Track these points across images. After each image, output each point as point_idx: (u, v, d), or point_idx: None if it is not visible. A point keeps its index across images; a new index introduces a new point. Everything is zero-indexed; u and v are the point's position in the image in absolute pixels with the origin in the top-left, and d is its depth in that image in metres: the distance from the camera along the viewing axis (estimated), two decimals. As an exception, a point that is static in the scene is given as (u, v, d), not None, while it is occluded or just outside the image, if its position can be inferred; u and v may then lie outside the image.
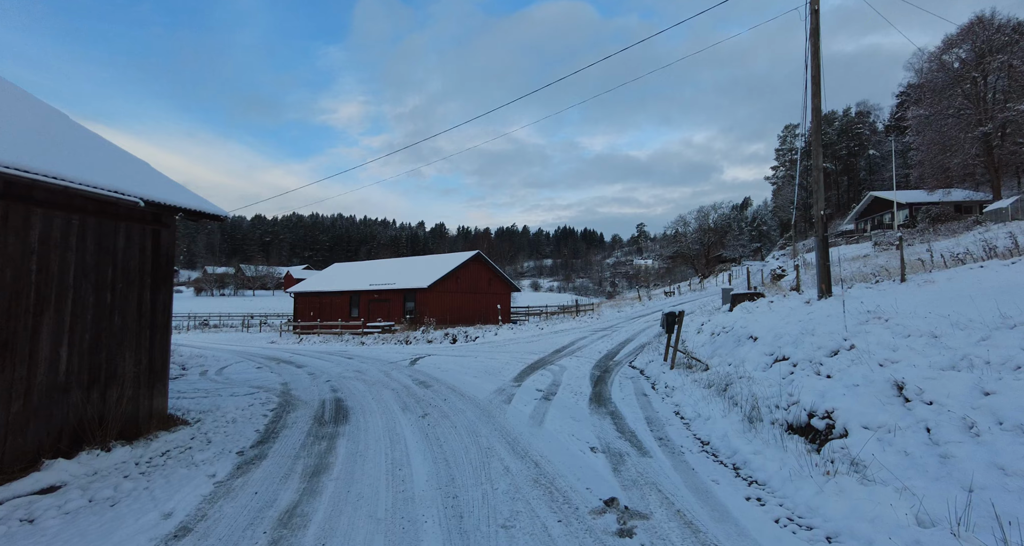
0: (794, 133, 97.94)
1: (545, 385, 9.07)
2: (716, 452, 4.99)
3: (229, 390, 10.62)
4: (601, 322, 20.95)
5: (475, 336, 20.70)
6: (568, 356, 13.06)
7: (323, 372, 12.77)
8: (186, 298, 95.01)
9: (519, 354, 13.99)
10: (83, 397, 6.15)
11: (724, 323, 11.23)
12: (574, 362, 12.00)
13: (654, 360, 10.75)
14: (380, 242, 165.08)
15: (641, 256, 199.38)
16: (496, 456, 4.99)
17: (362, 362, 14.58)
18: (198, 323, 49.29)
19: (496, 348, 16.18)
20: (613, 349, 14.06)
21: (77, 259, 6.18)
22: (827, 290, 9.77)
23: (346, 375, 11.94)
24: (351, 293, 31.96)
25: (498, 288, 34.40)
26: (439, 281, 28.97)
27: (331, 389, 10.01)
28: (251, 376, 12.82)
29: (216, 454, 5.71)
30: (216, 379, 12.45)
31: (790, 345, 6.90)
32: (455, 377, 10.49)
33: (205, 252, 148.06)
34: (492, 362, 12.60)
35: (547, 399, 7.81)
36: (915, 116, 49.26)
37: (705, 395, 7.00)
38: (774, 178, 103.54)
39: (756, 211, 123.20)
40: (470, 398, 8.10)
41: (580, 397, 7.96)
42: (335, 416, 7.40)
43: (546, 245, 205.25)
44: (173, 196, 7.23)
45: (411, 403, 7.95)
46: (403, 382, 10.29)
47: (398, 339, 22.48)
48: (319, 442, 5.98)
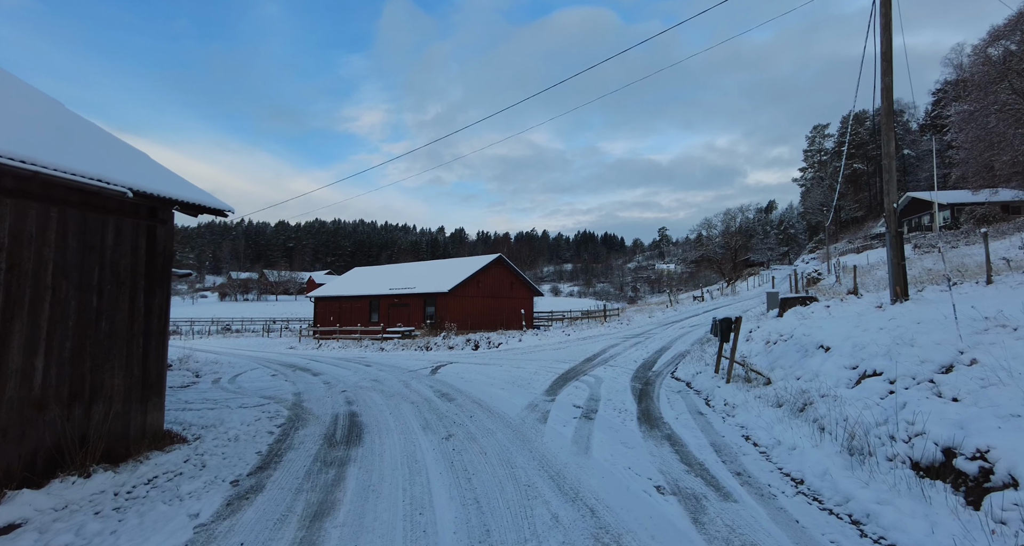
0: (823, 134, 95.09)
1: (582, 400, 8.06)
2: (818, 496, 3.93)
3: (238, 401, 9.87)
4: (631, 328, 19.79)
5: (498, 342, 19.76)
6: (602, 366, 12.01)
7: (339, 381, 11.98)
8: (211, 303, 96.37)
9: (547, 363, 12.99)
10: (63, 414, 5.38)
11: (779, 330, 10.07)
12: (610, 372, 10.96)
13: (702, 372, 9.65)
14: (400, 247, 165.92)
15: (663, 261, 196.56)
16: (539, 497, 4.02)
17: (380, 370, 13.77)
18: (220, 328, 49.45)
19: (522, 356, 15.21)
20: (649, 358, 12.96)
21: (57, 257, 5.44)
22: (902, 293, 8.57)
23: (363, 385, 11.12)
24: (371, 298, 31.38)
25: (520, 292, 33.44)
26: (460, 285, 28.15)
27: (346, 401, 9.17)
28: (264, 385, 12.10)
29: (207, 483, 4.86)
30: (227, 388, 11.76)
31: (880, 357, 5.78)
32: (480, 389, 9.55)
33: (230, 258, 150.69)
34: (519, 372, 11.63)
35: (588, 418, 6.81)
36: (958, 112, 46.87)
37: (779, 416, 5.92)
38: (802, 180, 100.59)
39: (783, 214, 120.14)
40: (499, 415, 7.14)
41: (626, 416, 6.93)
42: (348, 435, 6.52)
43: (566, 250, 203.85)
44: (168, 187, 6.47)
45: (433, 420, 7.03)
46: (424, 394, 9.39)
47: (418, 345, 21.69)
48: (327, 470, 5.09)
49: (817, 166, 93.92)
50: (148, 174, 6.54)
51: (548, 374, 11.03)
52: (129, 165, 6.46)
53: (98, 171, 5.47)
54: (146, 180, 6.20)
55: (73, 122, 6.87)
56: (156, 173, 6.81)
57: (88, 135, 6.71)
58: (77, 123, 6.93)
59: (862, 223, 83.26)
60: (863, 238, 66.55)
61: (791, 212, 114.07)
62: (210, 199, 7.11)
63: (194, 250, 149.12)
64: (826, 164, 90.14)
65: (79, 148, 5.99)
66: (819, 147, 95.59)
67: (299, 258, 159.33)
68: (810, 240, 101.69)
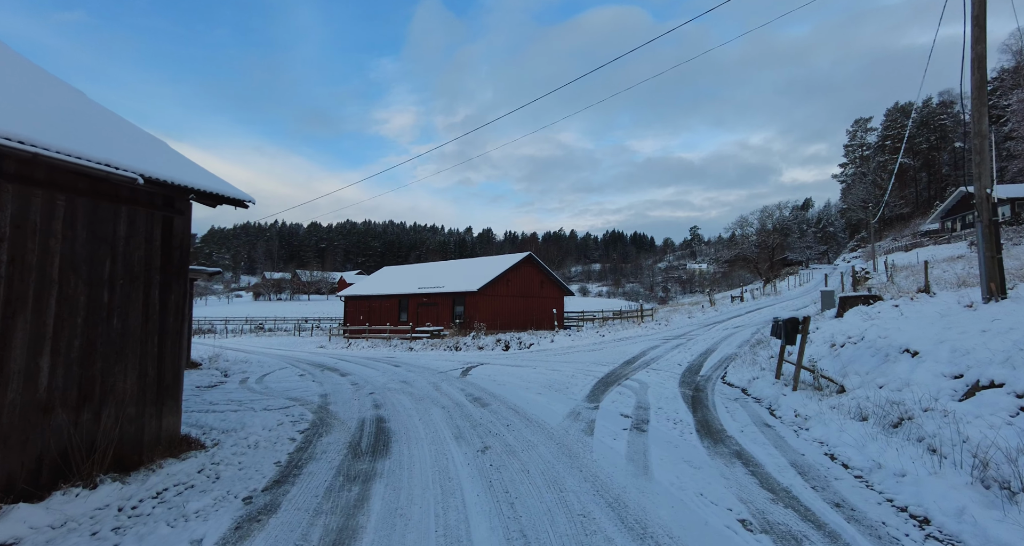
0: (865, 128, 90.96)
1: (629, 408, 7.30)
2: (959, 543, 3.11)
3: (263, 402, 9.49)
4: (671, 329, 18.80)
5: (529, 343, 19.09)
6: (644, 369, 11.19)
7: (367, 382, 11.52)
8: (245, 302, 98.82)
9: (584, 365, 12.24)
10: (71, 418, 4.97)
11: (844, 331, 9.08)
12: (654, 377, 10.14)
13: (759, 377, 8.75)
14: (429, 247, 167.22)
15: (695, 260, 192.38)
16: (600, 533, 3.32)
17: (409, 371, 13.27)
18: (254, 327, 50.32)
19: (556, 358, 14.48)
20: (695, 362, 12.06)
21: (64, 249, 5.04)
22: (998, 290, 7.50)
23: (391, 387, 10.61)
24: (400, 297, 31.15)
25: (550, 292, 32.67)
26: (489, 284, 27.61)
27: (373, 404, 8.65)
28: (291, 385, 11.75)
29: (217, 500, 4.34)
30: (254, 389, 11.45)
31: (997, 366, 4.86)
32: (515, 393, 8.89)
33: (264, 258, 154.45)
34: (555, 375, 10.92)
35: (640, 430, 6.06)
36: (1020, 100, 43.76)
37: (868, 433, 5.05)
38: (842, 176, 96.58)
39: (820, 212, 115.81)
40: (539, 424, 6.46)
41: (683, 427, 6.15)
42: (374, 444, 5.95)
43: (594, 249, 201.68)
44: (184, 175, 6.03)
45: (466, 429, 6.41)
46: (455, 398, 8.79)
47: (447, 345, 21.21)
48: (349, 486, 4.52)
49: (859, 161, 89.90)
50: (163, 161, 6.12)
51: (587, 378, 10.28)
52: (143, 152, 6.05)
53: (105, 155, 5.04)
54: (159, 167, 5.77)
55: (89, 109, 6.52)
56: (172, 161, 6.40)
57: (103, 122, 6.34)
58: (93, 110, 6.58)
59: (908, 220, 79.23)
60: (911, 235, 63.18)
61: (829, 210, 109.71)
62: (229, 188, 6.66)
63: (229, 250, 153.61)
64: (869, 159, 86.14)
65: (89, 133, 5.59)
66: (861, 142, 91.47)
67: (331, 258, 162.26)
68: (851, 238, 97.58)
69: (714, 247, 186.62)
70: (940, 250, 40.41)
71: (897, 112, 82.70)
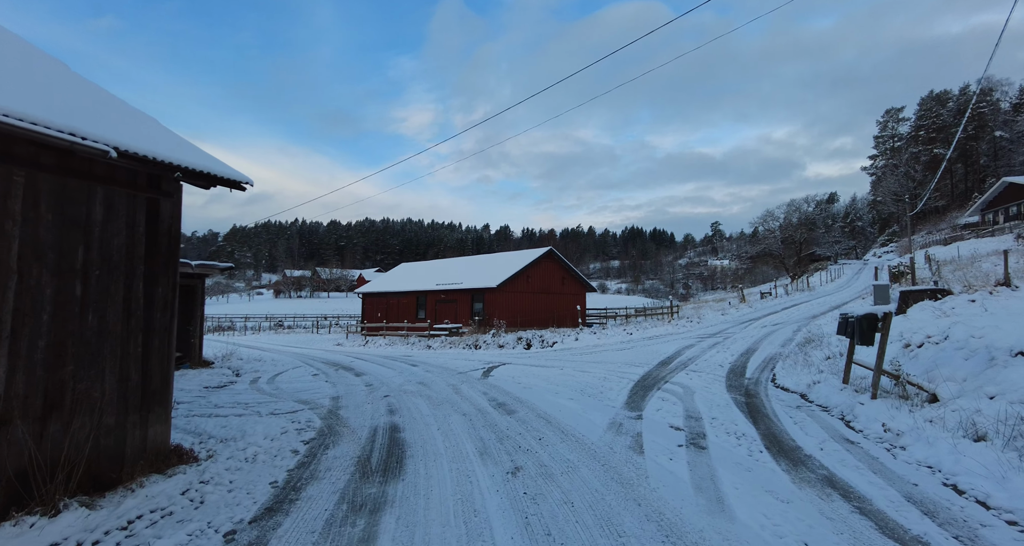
0: (897, 118, 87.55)
1: (678, 418, 6.36)
2: None
3: (271, 405, 8.79)
4: (703, 327, 17.69)
5: (552, 341, 18.18)
6: (683, 371, 10.20)
7: (382, 383, 10.77)
8: (266, 300, 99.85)
9: (616, 367, 11.29)
10: (33, 431, 4.25)
11: (919, 330, 7.97)
12: (696, 380, 9.15)
13: (820, 381, 7.71)
14: (447, 245, 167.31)
15: (716, 256, 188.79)
16: (686, 609, 2.41)
17: (427, 371, 12.50)
18: (273, 324, 50.40)
19: (582, 357, 13.56)
20: (737, 363, 11.02)
21: (24, 233, 4.30)
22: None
23: (408, 388, 9.82)
24: (418, 293, 30.51)
25: (572, 288, 31.67)
26: (508, 280, 26.75)
27: (388, 409, 7.86)
28: (303, 386, 11.07)
29: (193, 535, 3.56)
30: (264, 389, 10.79)
31: None
32: (543, 398, 8.01)
33: (285, 256, 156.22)
34: (585, 377, 10.01)
35: (698, 446, 5.12)
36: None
37: (1003, 458, 4.04)
38: (872, 168, 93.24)
39: (848, 206, 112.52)
40: (576, 438, 5.57)
41: (749, 443, 5.20)
42: (386, 460, 5.14)
43: (612, 246, 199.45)
44: (168, 150, 5.27)
45: (491, 442, 5.55)
46: (477, 402, 7.95)
47: (466, 343, 20.42)
48: (354, 519, 3.69)
49: (890, 153, 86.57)
50: (145, 135, 5.37)
51: (621, 381, 9.34)
52: (123, 125, 5.30)
53: (68, 122, 4.28)
54: (139, 141, 5.01)
55: (67, 79, 5.80)
56: (157, 136, 5.64)
57: (81, 92, 5.61)
58: (71, 80, 5.86)
59: (943, 213, 75.99)
60: (949, 229, 60.38)
61: (855, 204, 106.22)
62: (223, 168, 5.90)
63: (251, 249, 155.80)
64: (901, 150, 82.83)
65: (60, 102, 4.85)
66: (892, 132, 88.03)
67: (350, 256, 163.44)
68: (881, 233, 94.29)
69: (736, 243, 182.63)
70: (983, 244, 38.21)
71: (932, 101, 79.35)
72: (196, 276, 15.33)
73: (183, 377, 12.86)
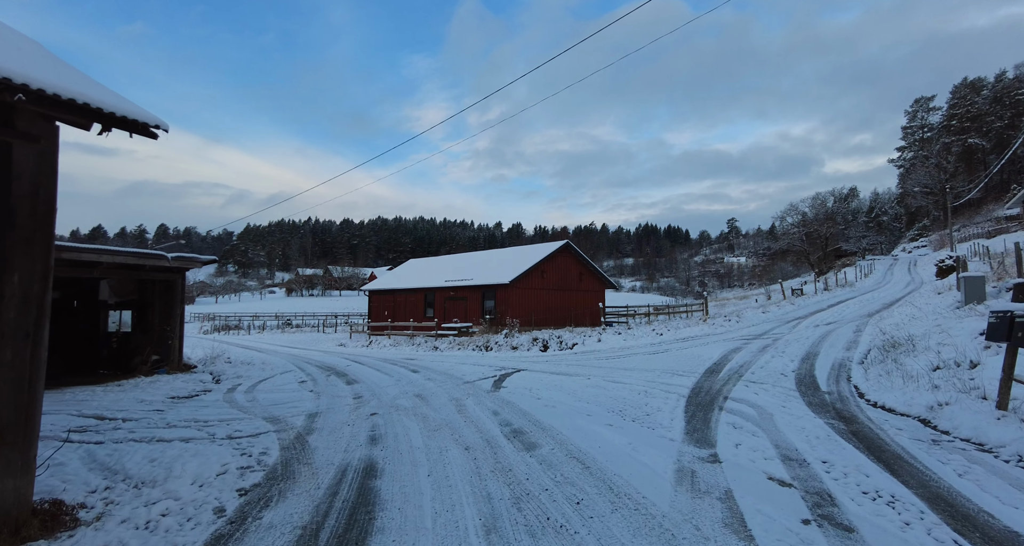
0: (927, 107, 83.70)
1: (773, 461, 4.44)
2: None
3: (232, 426, 7.09)
4: (745, 327, 15.63)
5: (572, 343, 16.28)
6: (740, 382, 8.26)
7: (374, 395, 9.01)
8: (278, 298, 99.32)
9: (654, 375, 9.38)
10: None
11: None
12: (765, 396, 7.20)
13: (949, 402, 5.72)
14: (458, 243, 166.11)
15: (733, 253, 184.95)
16: None
17: (429, 378, 10.72)
18: (281, 323, 49.16)
19: (610, 363, 11.66)
20: (801, 371, 9.05)
21: None
22: None
23: (401, 403, 8.04)
24: (426, 290, 28.78)
25: (590, 285, 29.67)
26: (522, 276, 24.88)
27: (369, 435, 6.08)
28: (282, 397, 9.39)
29: None
30: (237, 401, 9.13)
31: None
32: (572, 422, 6.15)
33: (298, 255, 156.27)
34: (620, 389, 8.11)
35: (836, 524, 3.21)
36: None
37: None
38: (900, 160, 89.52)
39: (873, 200, 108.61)
40: (633, 501, 3.70)
41: (915, 517, 3.28)
42: (342, 535, 3.32)
43: (626, 243, 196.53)
44: (30, 69, 3.51)
45: (504, 507, 3.71)
46: (484, 427, 6.12)
47: (476, 344, 18.63)
48: None
49: (920, 144, 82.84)
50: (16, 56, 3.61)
51: (667, 396, 7.42)
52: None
53: None
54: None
55: None
56: (22, 54, 3.88)
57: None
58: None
59: (978, 206, 72.34)
60: (989, 221, 57.05)
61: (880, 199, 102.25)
62: (121, 103, 4.12)
63: (264, 247, 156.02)
64: (931, 141, 79.09)
65: None
66: (922, 122, 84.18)
67: (363, 255, 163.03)
68: (908, 227, 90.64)
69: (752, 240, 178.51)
70: (1031, 236, 35.39)
71: (965, 88, 75.62)
72: (174, 270, 13.72)
73: (153, 385, 11.25)
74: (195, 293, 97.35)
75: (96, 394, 10.18)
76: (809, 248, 68.46)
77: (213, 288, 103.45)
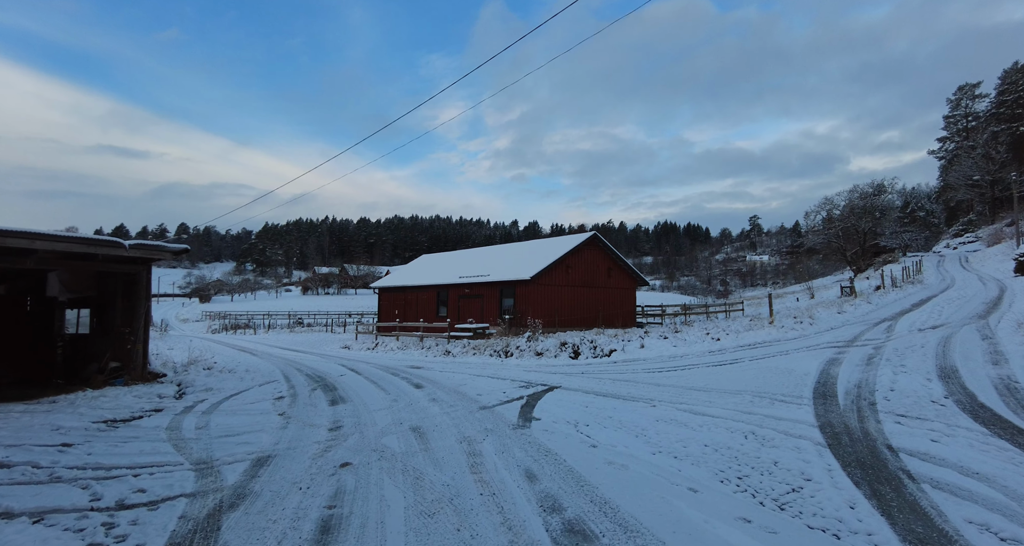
0: (972, 95, 78.61)
1: None
2: None
3: (132, 484, 4.79)
4: (822, 331, 12.69)
5: (608, 349, 13.67)
6: (887, 418, 5.60)
7: (357, 426, 6.58)
8: (293, 297, 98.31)
9: (743, 401, 6.76)
10: None
11: None
12: (959, 450, 4.55)
13: None
14: (474, 241, 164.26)
15: (755, 252, 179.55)
16: None
17: (434, 398, 8.25)
18: (291, 322, 47.39)
19: (667, 378, 9.05)
20: (959, 396, 6.35)
21: None
22: None
23: (390, 446, 5.58)
24: (438, 288, 26.39)
25: (620, 281, 26.92)
26: (545, 271, 22.30)
27: (321, 523, 3.59)
28: (241, 425, 7.06)
29: None
30: (180, 430, 6.87)
31: None
32: (670, 509, 3.62)
33: (315, 253, 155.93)
34: (711, 429, 5.52)
35: None
36: None
37: None
38: (941, 152, 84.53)
39: (909, 195, 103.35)
40: None
41: None
42: None
43: (645, 242, 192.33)
44: None
45: None
46: (515, 514, 3.62)
47: (494, 348, 16.14)
48: None
49: (964, 133, 77.85)
50: None
51: (793, 444, 4.82)
52: None
53: None
54: None
55: None
56: None
57: None
58: None
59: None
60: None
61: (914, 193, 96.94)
62: None
63: (282, 246, 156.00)
64: (978, 130, 74.12)
65: None
66: (966, 111, 79.10)
67: (379, 253, 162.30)
68: (949, 222, 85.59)
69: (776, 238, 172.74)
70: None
71: (1017, 72, 70.63)
72: (137, 261, 11.47)
73: (94, 402, 9.01)
74: (212, 292, 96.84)
75: (9, 417, 7.92)
76: (846, 244, 64.43)
77: (230, 286, 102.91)
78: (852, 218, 61.79)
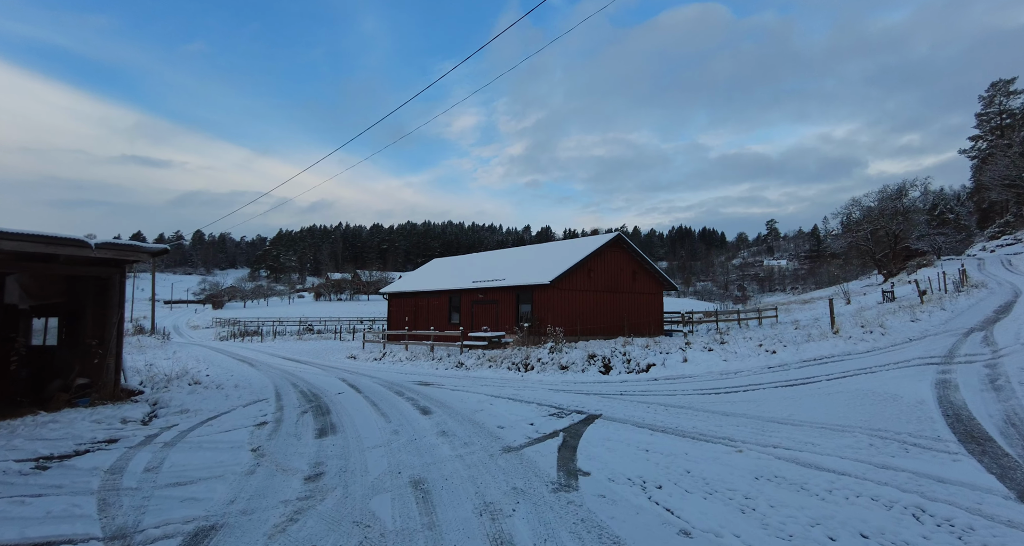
0: (1007, 91, 75.24)
1: None
2: None
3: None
4: (901, 344, 10.75)
5: (645, 363, 11.91)
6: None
7: (342, 475, 4.95)
8: (306, 303, 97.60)
9: (855, 442, 5.01)
10: None
11: None
12: None
13: None
14: (487, 247, 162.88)
15: (772, 256, 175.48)
16: None
17: (444, 431, 6.60)
18: (301, 329, 46.17)
19: (731, 403, 7.30)
20: None
21: None
22: None
23: (381, 516, 3.93)
24: (451, 293, 24.81)
25: (646, 286, 25.06)
26: (565, 275, 20.59)
27: None
28: (200, 467, 5.53)
29: None
30: (119, 476, 5.40)
31: None
32: None
33: (328, 259, 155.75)
34: (861, 508, 3.77)
35: None
36: None
37: None
38: (973, 151, 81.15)
39: (937, 197, 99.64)
40: None
41: None
42: None
43: (659, 247, 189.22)
44: None
45: None
46: None
47: (512, 360, 14.46)
48: None
49: (999, 132, 74.47)
50: None
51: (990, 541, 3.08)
52: None
53: None
54: None
55: None
56: None
57: None
58: None
59: (1072, 198, 64.09)
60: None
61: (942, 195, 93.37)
62: None
63: (296, 252, 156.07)
64: (1014, 128, 70.79)
65: None
66: (1001, 108, 75.70)
67: (392, 259, 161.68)
68: (983, 224, 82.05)
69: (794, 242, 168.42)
70: None
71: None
72: (108, 263, 10.02)
73: (39, 429, 7.54)
74: (225, 298, 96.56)
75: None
76: (874, 247, 61.59)
77: (243, 292, 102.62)
78: (882, 219, 59.05)
